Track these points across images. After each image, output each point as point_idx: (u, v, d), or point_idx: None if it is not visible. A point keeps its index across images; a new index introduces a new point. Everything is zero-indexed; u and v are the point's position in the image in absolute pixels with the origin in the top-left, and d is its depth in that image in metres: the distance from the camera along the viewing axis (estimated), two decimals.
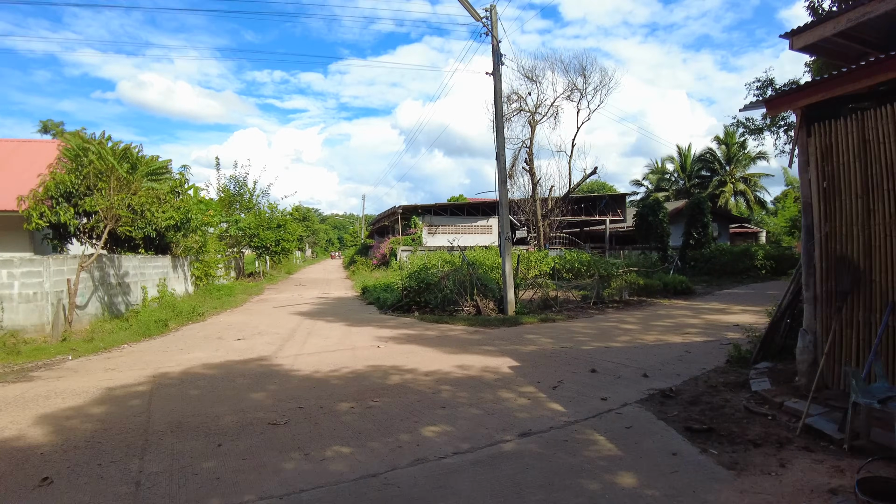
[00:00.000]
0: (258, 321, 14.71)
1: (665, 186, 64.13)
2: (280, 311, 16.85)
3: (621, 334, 12.03)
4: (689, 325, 13.50)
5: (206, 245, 23.51)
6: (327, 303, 19.44)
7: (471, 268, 16.05)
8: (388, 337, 11.73)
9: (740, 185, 57.42)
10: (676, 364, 9.03)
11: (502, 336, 11.80)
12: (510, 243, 15.07)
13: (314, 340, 11.51)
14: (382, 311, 16.32)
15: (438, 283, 15.78)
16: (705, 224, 37.59)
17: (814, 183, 6.50)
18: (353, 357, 9.64)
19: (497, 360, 9.27)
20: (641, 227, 37.31)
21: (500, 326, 13.00)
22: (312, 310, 17.20)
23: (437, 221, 39.56)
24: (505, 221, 15.09)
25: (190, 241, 21.62)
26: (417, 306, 15.92)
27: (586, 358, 9.43)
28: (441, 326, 13.14)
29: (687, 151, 63.76)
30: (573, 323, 13.74)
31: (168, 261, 20.24)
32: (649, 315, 15.39)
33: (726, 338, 11.54)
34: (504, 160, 15.14)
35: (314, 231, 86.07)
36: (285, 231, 32.33)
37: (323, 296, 22.25)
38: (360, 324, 13.79)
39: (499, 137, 15.14)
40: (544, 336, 11.77)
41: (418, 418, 6.14)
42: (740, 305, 17.66)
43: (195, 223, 20.51)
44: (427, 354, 9.77)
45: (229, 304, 18.85)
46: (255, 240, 30.72)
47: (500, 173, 15.08)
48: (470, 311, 14.91)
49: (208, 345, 11.29)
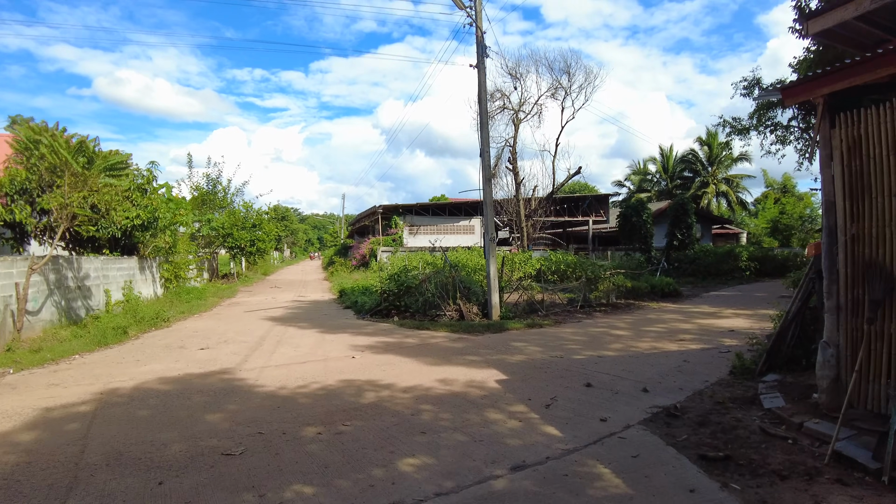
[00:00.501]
0: (226, 327, 13.79)
1: (647, 187, 63.97)
2: (251, 316, 15.92)
3: (613, 341, 11.34)
4: (682, 330, 12.87)
5: (176, 245, 22.45)
6: (302, 307, 18.53)
7: (453, 270, 15.28)
8: (365, 346, 10.90)
9: (723, 186, 57.41)
10: (676, 376, 8.35)
11: (487, 344, 11.03)
12: (495, 244, 14.34)
13: (284, 350, 10.64)
14: (360, 315, 15.47)
15: (419, 286, 14.98)
16: (689, 225, 37.25)
17: (838, 179, 5.83)
18: (325, 370, 8.81)
19: (483, 372, 8.50)
20: (625, 228, 36.86)
21: (484, 333, 12.24)
22: (285, 314, 16.28)
23: (419, 221, 38.73)
24: (490, 221, 14.36)
25: (159, 241, 20.58)
26: (397, 311, 15.10)
27: (579, 369, 8.70)
28: (422, 333, 12.33)
29: (669, 152, 63.68)
30: (561, 329, 13.03)
31: (135, 262, 19.20)
32: (639, 319, 14.74)
33: (724, 345, 10.96)
34: (488, 157, 14.40)
35: (293, 231, 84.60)
36: (261, 231, 31.26)
37: (298, 299, 21.31)
38: (334, 330, 12.93)
39: (483, 133, 14.39)
40: (532, 344, 11.02)
41: (395, 447, 5.34)
42: (731, 309, 17.14)
43: (163, 222, 19.48)
44: (406, 366, 8.97)
45: (198, 308, 17.86)
46: (230, 240, 29.61)
47: (484, 171, 14.33)
48: (453, 315, 14.14)
49: (168, 355, 10.37)
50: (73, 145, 14.08)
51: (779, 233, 54.69)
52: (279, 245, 79.84)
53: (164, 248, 21.74)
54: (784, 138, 28.94)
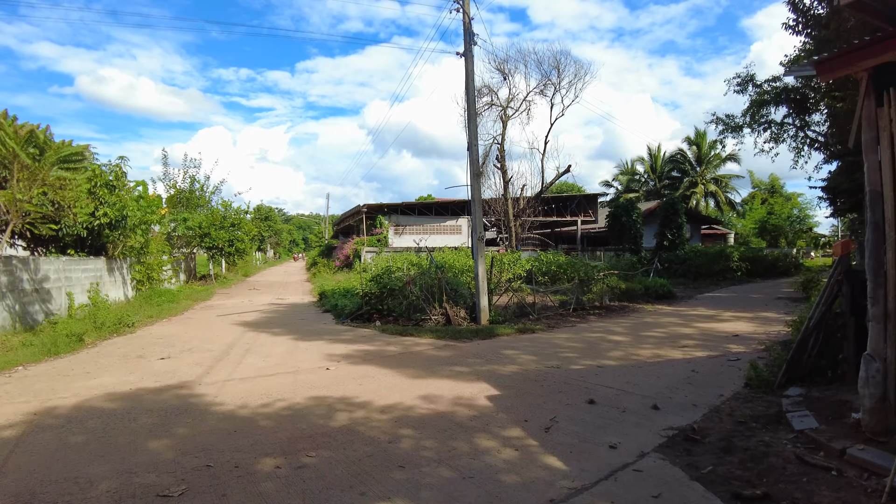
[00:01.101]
0: (194, 333, 12.76)
1: (635, 187, 63.48)
2: (222, 321, 14.88)
3: (612, 348, 10.47)
4: (684, 335, 12.05)
5: (149, 246, 21.33)
6: (278, 310, 17.50)
7: (439, 271, 14.35)
8: (342, 355, 9.93)
9: (711, 186, 57.03)
10: (687, 389, 7.49)
11: (476, 352, 10.11)
12: (483, 244, 13.43)
13: (251, 360, 9.65)
14: (340, 320, 14.49)
15: (403, 288, 14.04)
16: (680, 225, 36.67)
17: (886, 166, 4.98)
18: (294, 384, 7.84)
19: (472, 386, 7.57)
20: (614, 228, 36.18)
21: (473, 339, 11.32)
22: (259, 319, 15.26)
23: (404, 221, 37.76)
24: (478, 220, 13.45)
25: (130, 241, 19.46)
26: (379, 315, 14.15)
27: (579, 382, 7.81)
28: (405, 340, 11.38)
29: (657, 152, 63.25)
30: (555, 334, 12.15)
31: (102, 263, 18.08)
32: (636, 324, 13.91)
33: (731, 352, 10.16)
34: (476, 151, 13.50)
35: (276, 231, 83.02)
36: (240, 231, 30.08)
37: (276, 302, 20.27)
38: (310, 337, 11.94)
39: (471, 126, 13.49)
40: (525, 352, 10.12)
41: (366, 487, 4.40)
42: (730, 311, 16.37)
43: (133, 221, 18.36)
44: (386, 379, 8.02)
45: (168, 312, 16.78)
46: (207, 240, 28.40)
47: (472, 166, 13.43)
48: (439, 320, 13.21)
49: (124, 366, 9.34)
50: (23, 135, 12.98)
51: (767, 233, 54.47)
52: (262, 245, 78.38)
53: (135, 249, 20.65)
54: (778, 136, 28.35)
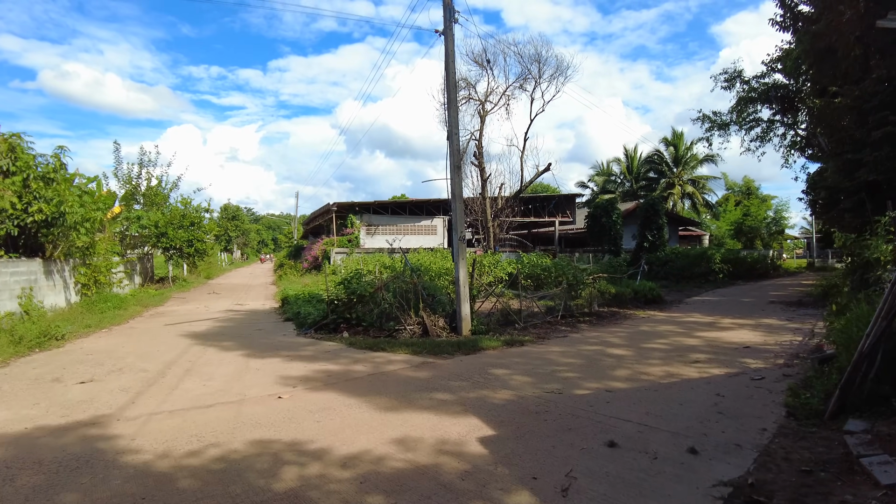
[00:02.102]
0: (132, 347, 11.02)
1: (611, 188, 62.80)
2: (169, 332, 13.12)
3: (615, 365, 9.07)
4: (690, 348, 10.73)
5: (95, 246, 19.37)
6: (235, 318, 15.74)
7: (415, 275, 12.82)
8: (299, 377, 8.31)
9: (688, 188, 56.54)
10: (720, 421, 6.13)
11: (460, 371, 8.58)
12: (465, 244, 11.93)
13: (190, 384, 8.00)
14: (302, 331, 12.83)
15: (374, 294, 12.47)
16: (660, 226, 35.80)
17: None
18: (236, 420, 6.24)
19: (459, 423, 6.06)
20: (594, 229, 35.15)
21: (454, 354, 9.79)
22: (211, 329, 13.52)
23: (377, 221, 36.10)
24: (459, 217, 11.95)
25: (75, 240, 17.52)
26: (347, 325, 12.56)
27: (589, 414, 6.37)
28: (376, 356, 9.79)
29: (633, 153, 62.68)
30: (547, 347, 10.70)
31: (37, 265, 16.16)
32: (633, 333, 12.57)
33: (749, 368, 8.91)
34: (457, 140, 12.01)
35: (244, 231, 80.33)
36: (200, 230, 28.10)
37: (234, 308, 18.49)
38: (264, 353, 10.28)
39: (451, 112, 12.00)
40: (517, 370, 8.64)
41: None
42: (728, 318, 15.17)
43: (73, 219, 16.45)
44: (351, 414, 6.44)
45: (111, 321, 14.95)
46: (164, 240, 26.38)
47: (452, 157, 11.93)
48: (414, 330, 11.68)
49: (30, 394, 7.62)
50: None
51: (742, 235, 54.10)
52: (229, 246, 75.78)
53: (81, 249, 18.70)
54: (764, 136, 27.53)
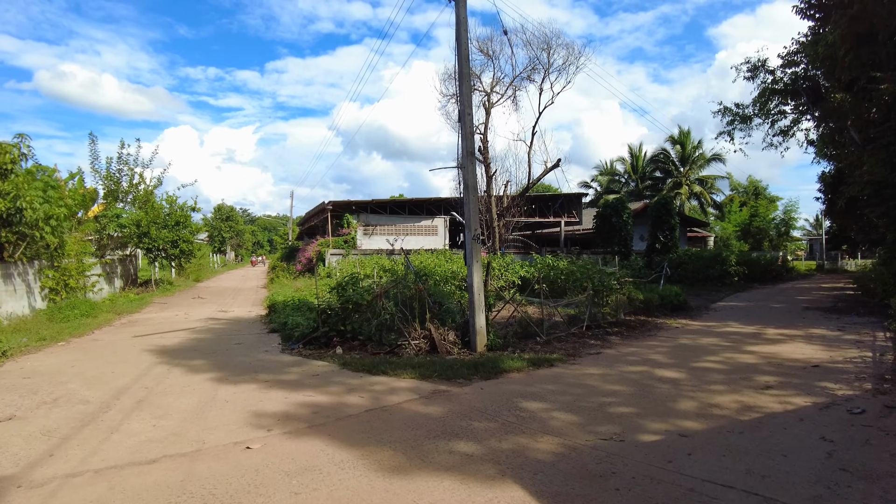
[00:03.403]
0: (82, 368, 9.18)
1: (615, 188, 61.04)
2: (135, 346, 11.27)
3: (674, 393, 7.29)
4: (750, 367, 8.98)
5: (65, 246, 17.53)
6: (215, 329, 13.86)
7: (420, 279, 11.03)
8: (277, 415, 6.45)
9: (696, 187, 54.76)
10: (851, 485, 4.43)
11: (483, 406, 6.73)
12: (479, 245, 10.13)
13: (137, 423, 6.17)
14: (288, 345, 10.99)
15: (373, 302, 10.66)
16: (673, 226, 34.08)
17: None
18: (182, 489, 4.41)
19: (496, 497, 4.26)
20: (603, 230, 33.35)
21: (472, 379, 7.98)
22: (184, 343, 11.65)
23: (375, 221, 34.23)
24: (472, 212, 10.14)
25: (40, 240, 15.70)
26: (341, 338, 10.74)
27: (672, 477, 4.58)
28: (375, 382, 7.94)
29: (638, 152, 60.98)
30: (582, 368, 8.88)
31: None
32: (675, 348, 10.79)
33: (836, 395, 7.33)
34: (471, 122, 10.21)
35: (238, 232, 78.12)
36: (185, 229, 26.18)
37: (217, 315, 16.59)
38: (240, 375, 8.42)
39: (463, 88, 10.20)
40: (555, 404, 6.81)
41: None
42: (772, 328, 13.44)
43: (35, 216, 14.62)
44: (343, 480, 4.59)
45: (72, 331, 13.10)
46: (146, 240, 24.44)
47: (464, 140, 10.13)
48: (420, 345, 9.88)
49: None
50: None
51: (750, 236, 52.45)
52: (222, 247, 73.66)
53: (48, 250, 16.87)
54: (787, 130, 25.76)
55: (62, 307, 16.11)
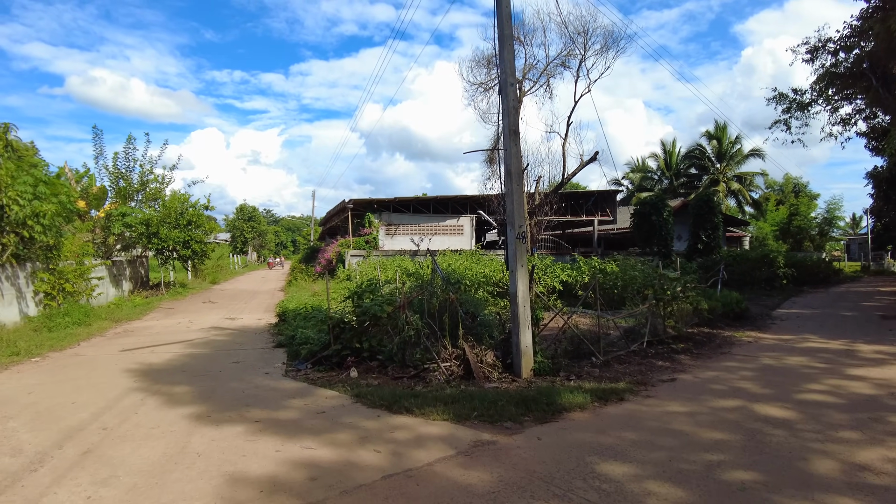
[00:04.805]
0: (39, 397, 7.50)
1: (648, 185, 58.49)
2: (117, 364, 9.61)
3: (797, 446, 5.37)
4: (872, 402, 7.00)
5: (61, 247, 16.10)
6: (215, 341, 12.17)
7: (451, 287, 9.22)
8: (262, 481, 4.64)
9: (734, 185, 52.00)
10: None
11: (546, 472, 4.81)
12: (524, 244, 8.27)
13: (65, 495, 4.43)
14: (294, 364, 9.25)
15: (395, 315, 8.88)
16: (716, 225, 31.84)
17: None
18: None
19: None
20: (642, 229, 31.20)
21: (522, 422, 6.10)
22: (174, 360, 9.95)
23: (397, 220, 32.53)
24: (517, 204, 8.30)
25: (39, 240, 14.28)
26: (356, 357, 8.99)
27: None
28: (397, 426, 6.08)
29: (672, 148, 58.40)
30: (660, 403, 6.95)
31: None
32: (762, 371, 8.82)
33: None
34: (514, 94, 8.36)
35: (261, 233, 77.06)
36: (198, 229, 24.68)
37: (222, 324, 14.93)
38: (226, 411, 6.63)
39: (504, 52, 8.34)
40: (644, 467, 4.91)
41: None
42: (860, 342, 11.44)
43: (19, 214, 13.17)
44: None
45: (53, 345, 11.52)
46: (155, 240, 23.01)
47: (507, 116, 8.30)
48: (452, 369, 8.08)
49: None
50: None
51: (790, 236, 49.62)
52: (244, 248, 72.59)
53: (43, 251, 15.47)
54: (849, 119, 23.44)
55: (54, 314, 14.65)
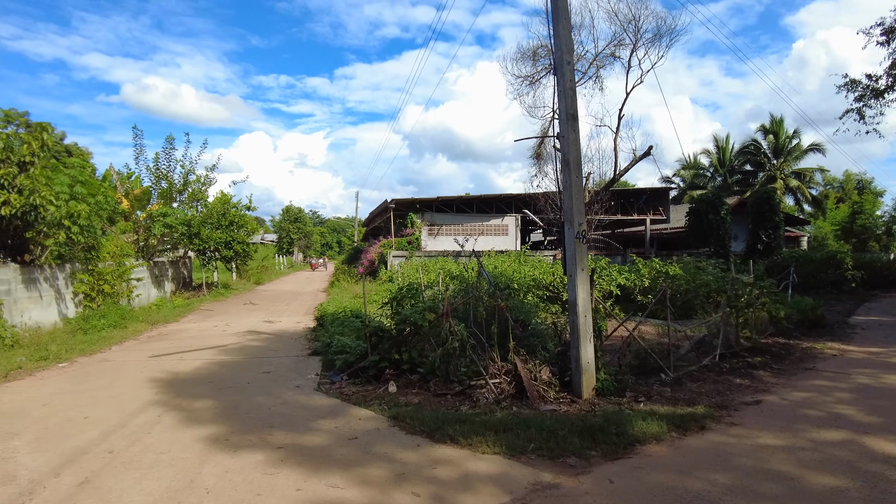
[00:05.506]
0: (52, 410, 6.91)
1: (700, 183, 56.14)
2: (138, 374, 8.98)
3: None
4: None
5: (100, 248, 15.84)
6: (249, 347, 11.51)
7: (499, 293, 8.30)
8: None
9: (792, 181, 49.34)
10: None
11: None
12: (584, 244, 7.29)
13: None
14: (329, 377, 8.47)
15: (437, 323, 8.02)
16: (776, 224, 29.94)
17: None
18: None
19: None
20: (698, 228, 29.56)
21: (588, 457, 5.11)
22: (200, 369, 9.29)
23: (440, 220, 31.73)
24: (577, 198, 7.29)
25: (77, 241, 14.00)
26: (396, 369, 8.17)
27: None
28: (439, 459, 5.17)
29: (725, 143, 55.90)
30: (749, 434, 5.86)
31: (11, 272, 12.71)
32: (860, 392, 7.61)
33: None
34: (571, 74, 7.38)
35: (306, 234, 77.58)
36: (241, 230, 24.41)
37: (259, 328, 14.32)
38: (246, 434, 5.84)
39: (559, 26, 7.36)
40: None
41: None
42: None
43: (54, 215, 12.84)
44: None
45: (84, 349, 11.10)
46: (196, 241, 22.81)
47: (564, 99, 7.32)
48: (502, 386, 7.15)
49: None
50: None
51: (853, 236, 46.72)
52: (290, 248, 73.11)
53: (83, 252, 15.24)
54: None
55: (90, 316, 14.37)
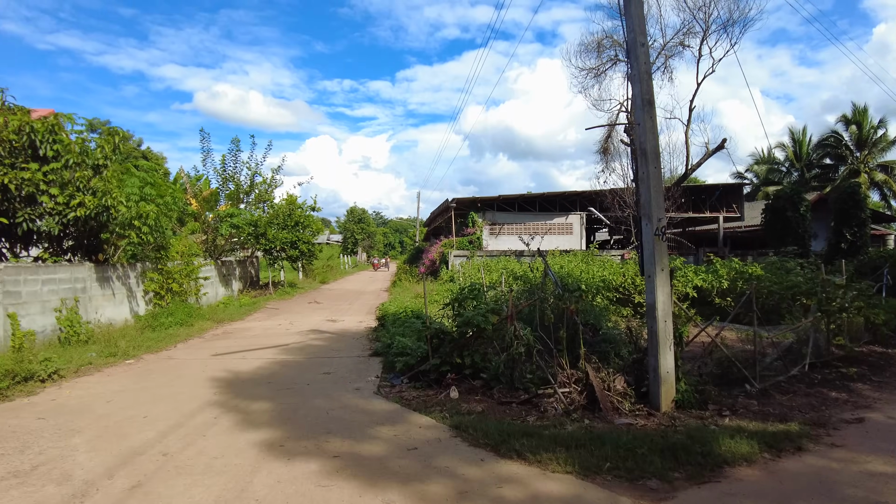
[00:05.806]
0: (115, 407, 6.89)
1: (775, 178, 53.23)
2: (200, 373, 8.93)
3: None
4: None
5: (168, 248, 16.23)
6: (311, 346, 11.40)
7: (570, 296, 7.80)
8: None
9: (878, 175, 45.99)
10: None
11: None
12: (664, 241, 6.71)
13: None
14: (389, 379, 8.21)
15: (501, 327, 7.62)
16: (862, 221, 27.80)
17: None
18: None
19: None
20: (776, 226, 27.91)
21: (671, 480, 4.55)
22: (260, 369, 9.17)
23: (502, 219, 31.22)
24: (655, 191, 6.71)
25: (146, 240, 14.38)
26: (458, 373, 7.82)
27: None
28: (504, 477, 4.70)
29: (802, 136, 52.77)
30: (856, 458, 5.16)
31: (86, 271, 13.09)
32: None
33: None
34: (646, 55, 6.78)
35: (370, 234, 78.68)
36: (306, 230, 24.76)
37: (322, 327, 14.26)
38: (302, 440, 5.55)
39: (632, 5, 6.83)
40: None
41: None
42: None
43: (125, 216, 13.16)
44: None
45: (150, 346, 11.31)
46: (263, 241, 23.26)
47: (640, 83, 6.74)
48: (573, 396, 6.67)
49: None
50: None
51: None
52: (354, 248, 74.27)
53: (153, 251, 15.66)
54: None
55: (159, 314, 14.70)
